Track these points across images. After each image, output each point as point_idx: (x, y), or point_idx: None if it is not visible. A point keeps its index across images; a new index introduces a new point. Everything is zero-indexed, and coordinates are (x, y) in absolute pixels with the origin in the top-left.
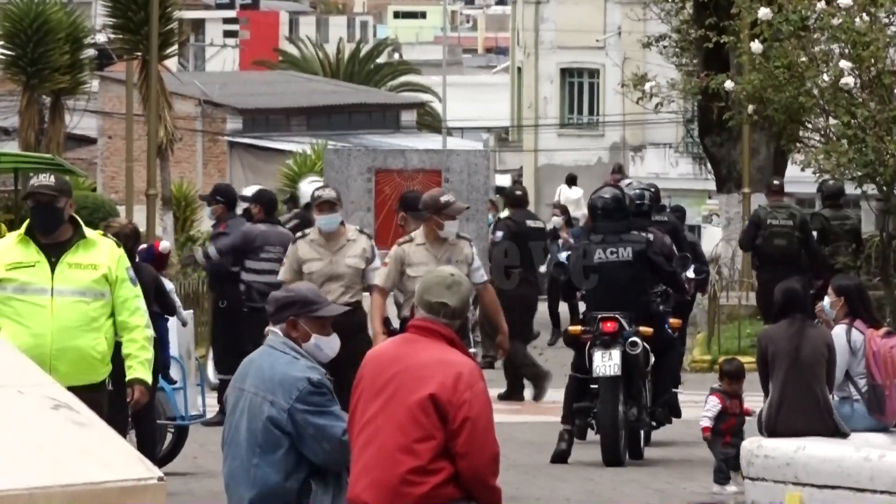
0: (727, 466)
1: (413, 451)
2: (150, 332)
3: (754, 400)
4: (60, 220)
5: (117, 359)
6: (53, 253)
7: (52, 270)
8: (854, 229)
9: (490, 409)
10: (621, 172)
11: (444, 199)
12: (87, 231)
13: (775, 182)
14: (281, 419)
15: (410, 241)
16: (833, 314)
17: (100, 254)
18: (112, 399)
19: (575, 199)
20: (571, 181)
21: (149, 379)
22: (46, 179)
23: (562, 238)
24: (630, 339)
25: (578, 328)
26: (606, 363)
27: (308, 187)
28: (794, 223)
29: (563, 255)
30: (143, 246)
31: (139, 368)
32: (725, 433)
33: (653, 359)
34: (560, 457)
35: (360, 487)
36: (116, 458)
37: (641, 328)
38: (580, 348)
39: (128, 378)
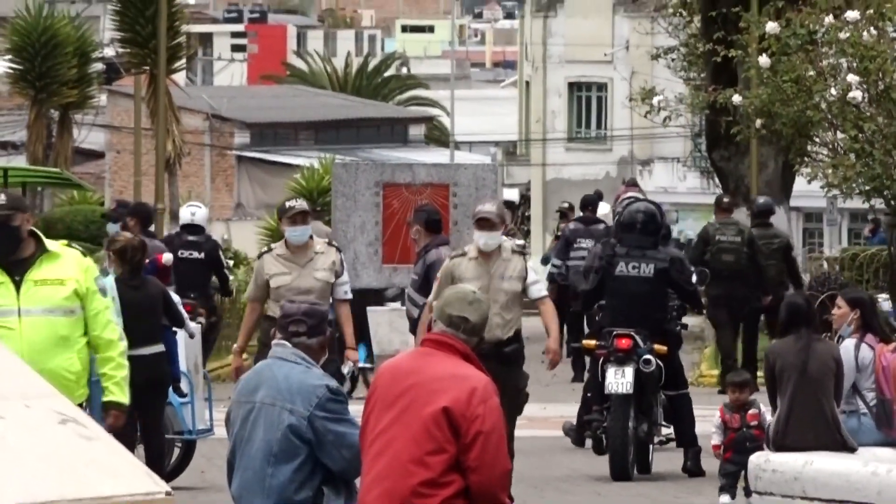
0: (728, 483)
1: (425, 464)
2: (124, 346)
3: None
4: (18, 239)
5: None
6: (16, 271)
7: (18, 290)
8: (781, 248)
9: (502, 424)
10: (636, 186)
11: (477, 207)
12: (50, 244)
13: (725, 199)
14: (301, 427)
15: (463, 256)
16: (847, 329)
17: (66, 267)
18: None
19: (603, 214)
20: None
21: (124, 400)
22: None
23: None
24: (644, 357)
25: (593, 342)
26: (619, 380)
27: (185, 211)
28: (741, 239)
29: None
30: (147, 259)
31: (114, 390)
32: (726, 448)
33: (664, 377)
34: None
35: (372, 497)
36: (124, 472)
37: (656, 346)
38: (595, 361)
39: (103, 400)
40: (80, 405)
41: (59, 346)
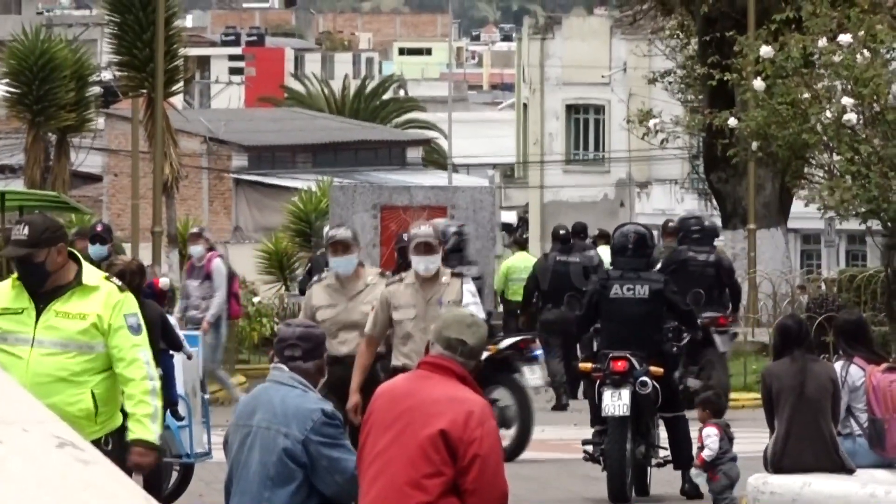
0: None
1: (422, 487)
2: (150, 385)
3: (761, 437)
4: (43, 274)
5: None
6: (43, 300)
7: (38, 318)
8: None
9: (500, 448)
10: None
11: (413, 231)
12: (88, 276)
13: (670, 223)
14: (296, 450)
15: (399, 282)
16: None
17: (94, 302)
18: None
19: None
20: (603, 238)
21: (150, 437)
22: (19, 232)
23: None
24: (640, 379)
25: (589, 365)
26: (616, 403)
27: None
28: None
29: None
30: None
31: (136, 428)
32: (713, 465)
33: (661, 399)
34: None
35: None
36: (122, 496)
37: (652, 367)
38: (591, 384)
39: (128, 438)
40: (100, 441)
41: (65, 382)
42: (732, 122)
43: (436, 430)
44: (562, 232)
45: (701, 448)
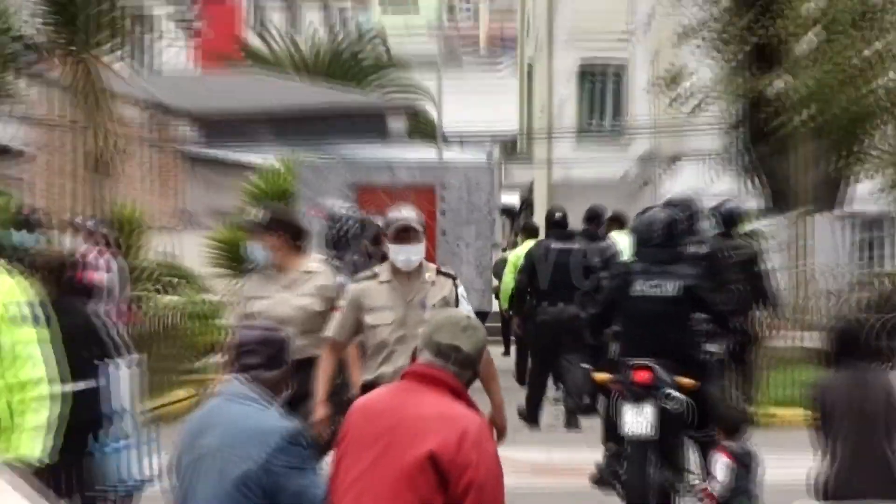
0: None
1: None
2: (45, 390)
3: (805, 460)
4: None
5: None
6: None
7: None
8: (746, 260)
9: (500, 473)
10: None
11: (391, 215)
12: None
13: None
14: (255, 477)
15: (373, 278)
16: None
17: None
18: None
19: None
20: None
21: (33, 454)
22: None
23: None
24: (668, 393)
25: (606, 375)
26: (638, 421)
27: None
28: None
29: None
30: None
31: (22, 441)
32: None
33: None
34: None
35: None
36: None
37: (682, 379)
38: (609, 398)
39: (7, 457)
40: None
41: None
42: (780, 84)
43: (423, 451)
44: (557, 215)
45: (709, 476)
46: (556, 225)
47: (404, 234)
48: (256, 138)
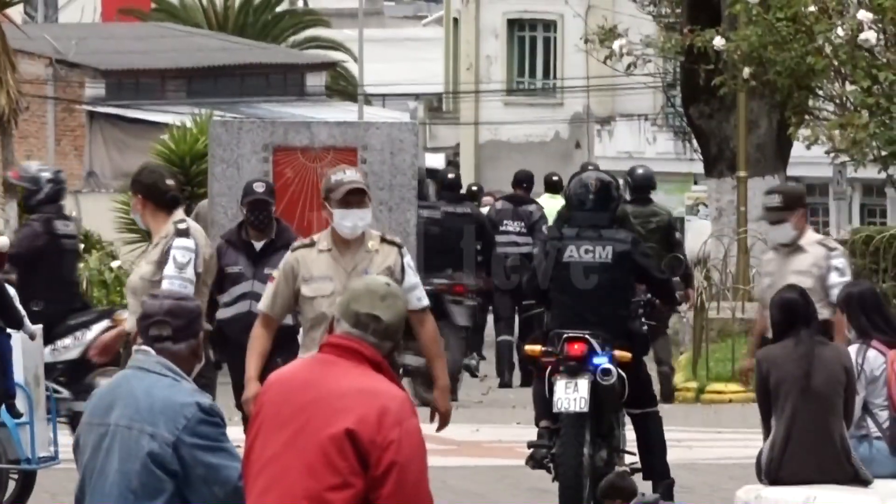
0: None
1: (325, 501)
2: None
3: (752, 439)
4: None
5: None
6: None
7: None
8: (661, 228)
9: (423, 452)
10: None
11: (335, 177)
12: None
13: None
14: (164, 455)
15: (311, 246)
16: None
17: None
18: None
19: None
20: (552, 187)
21: None
22: None
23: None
24: (602, 367)
25: (538, 348)
26: (571, 396)
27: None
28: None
29: None
30: None
31: None
32: None
33: (627, 391)
34: (539, 462)
35: None
36: None
37: (617, 352)
38: (540, 372)
39: None
40: None
41: None
42: (719, 42)
43: (341, 429)
44: (450, 177)
45: None
46: (448, 187)
47: (354, 198)
48: (166, 95)
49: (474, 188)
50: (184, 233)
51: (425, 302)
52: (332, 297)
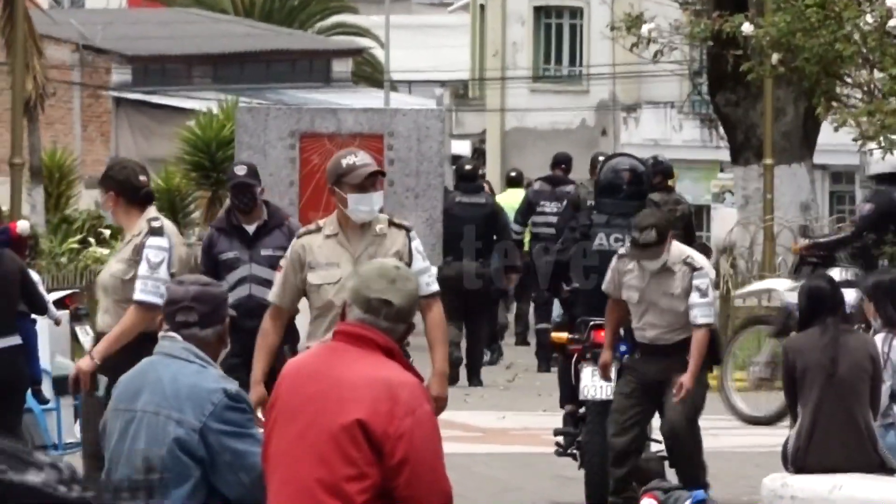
0: None
1: (342, 494)
2: None
3: (779, 429)
4: None
5: None
6: None
7: None
8: (685, 216)
9: (438, 439)
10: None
11: (346, 161)
12: None
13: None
14: (191, 441)
15: (317, 232)
16: (876, 323)
17: None
18: None
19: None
20: (512, 182)
21: None
22: None
23: None
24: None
25: (564, 335)
26: (598, 384)
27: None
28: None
29: None
30: None
31: None
32: None
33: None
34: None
35: None
36: None
37: None
38: (567, 359)
39: None
40: None
41: None
42: (747, 28)
43: (351, 419)
44: (466, 167)
45: None
46: (465, 178)
47: (370, 181)
48: (193, 82)
49: (513, 174)
50: (157, 231)
51: (434, 287)
52: (338, 284)
